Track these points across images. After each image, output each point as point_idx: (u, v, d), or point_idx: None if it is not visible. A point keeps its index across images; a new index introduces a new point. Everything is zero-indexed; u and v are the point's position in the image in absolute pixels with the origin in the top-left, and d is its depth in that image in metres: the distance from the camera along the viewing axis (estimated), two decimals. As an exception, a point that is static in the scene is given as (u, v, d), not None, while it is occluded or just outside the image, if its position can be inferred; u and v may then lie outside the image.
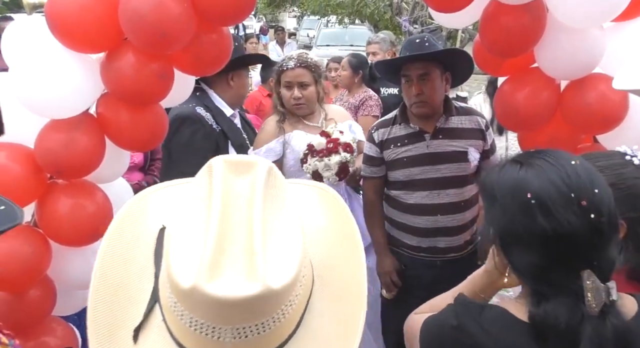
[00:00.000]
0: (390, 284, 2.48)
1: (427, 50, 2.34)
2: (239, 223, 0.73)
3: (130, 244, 0.85)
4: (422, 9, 8.59)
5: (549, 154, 1.02)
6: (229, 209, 0.74)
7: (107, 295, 0.82)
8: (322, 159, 2.44)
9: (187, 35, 1.70)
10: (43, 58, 1.71)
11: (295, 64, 2.54)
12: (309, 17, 18.40)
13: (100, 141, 1.86)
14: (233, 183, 0.76)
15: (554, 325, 0.94)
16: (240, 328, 0.71)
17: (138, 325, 0.77)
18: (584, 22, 1.84)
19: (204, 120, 2.49)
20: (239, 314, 0.70)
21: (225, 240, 0.72)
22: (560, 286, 0.95)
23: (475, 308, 1.06)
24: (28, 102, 1.71)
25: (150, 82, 1.77)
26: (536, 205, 0.96)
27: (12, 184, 1.74)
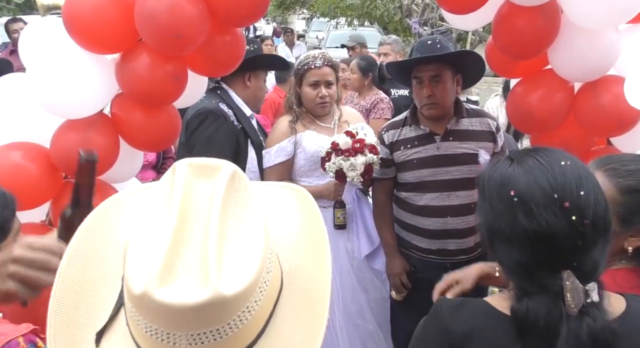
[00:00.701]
0: (400, 286, 2.47)
1: (439, 52, 2.34)
2: (198, 227, 0.71)
3: (102, 245, 0.83)
4: (432, 11, 8.58)
5: (541, 152, 1.03)
6: (188, 213, 0.72)
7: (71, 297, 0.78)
8: (347, 159, 2.43)
9: (202, 37, 1.71)
10: (59, 59, 1.73)
11: (322, 62, 2.54)
12: (318, 19, 18.43)
13: (115, 141, 1.87)
14: (195, 186, 0.75)
15: (533, 322, 0.95)
16: (195, 335, 0.70)
17: (101, 329, 0.75)
18: (599, 24, 1.83)
19: (227, 116, 2.51)
20: (191, 321, 0.68)
21: (182, 245, 0.70)
22: (542, 284, 0.96)
23: (456, 304, 1.08)
24: (45, 102, 1.73)
25: (164, 83, 1.78)
26: (518, 203, 0.97)
27: (28, 183, 1.76)
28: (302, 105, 2.58)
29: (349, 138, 2.44)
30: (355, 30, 13.73)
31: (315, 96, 2.53)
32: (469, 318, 1.03)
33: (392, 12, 11.13)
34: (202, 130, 2.46)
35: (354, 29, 13.67)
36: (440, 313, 1.07)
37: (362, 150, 2.42)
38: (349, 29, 14.02)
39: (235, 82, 2.61)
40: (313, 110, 2.58)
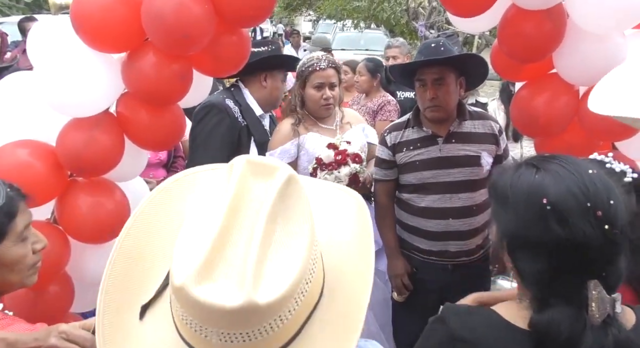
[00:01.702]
0: (402, 287, 2.47)
1: (443, 54, 2.34)
2: (245, 228, 0.71)
3: (163, 220, 0.85)
4: (439, 14, 8.57)
5: (565, 160, 1.01)
6: (239, 213, 0.72)
7: (125, 266, 0.82)
8: (332, 172, 2.44)
9: (208, 37, 1.72)
10: (67, 57, 1.74)
11: (327, 64, 2.55)
12: (325, 21, 18.44)
13: (120, 140, 1.88)
14: (250, 185, 0.75)
15: (555, 334, 0.93)
16: (225, 333, 0.71)
17: (145, 304, 0.78)
18: (605, 28, 1.82)
19: (230, 111, 2.52)
20: (223, 321, 0.70)
21: (227, 244, 0.71)
22: (565, 294, 0.94)
23: (463, 311, 1.06)
24: (51, 100, 1.74)
25: (170, 82, 1.79)
26: (551, 211, 0.94)
27: (34, 181, 1.76)
28: (305, 107, 2.59)
29: (332, 151, 2.45)
30: (361, 33, 13.76)
31: (319, 98, 2.54)
32: (477, 326, 1.02)
33: (399, 15, 11.13)
34: (204, 123, 2.48)
35: (361, 31, 13.67)
36: (446, 320, 1.05)
37: (344, 161, 2.44)
38: (355, 32, 14.03)
39: (252, 82, 2.63)
40: (317, 112, 2.58)
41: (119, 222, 1.93)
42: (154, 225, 0.85)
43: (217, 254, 0.70)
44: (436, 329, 1.07)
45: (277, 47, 2.77)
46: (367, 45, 13.25)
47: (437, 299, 2.64)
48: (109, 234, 1.92)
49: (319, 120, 2.61)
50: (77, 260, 1.93)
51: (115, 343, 0.78)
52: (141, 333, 0.77)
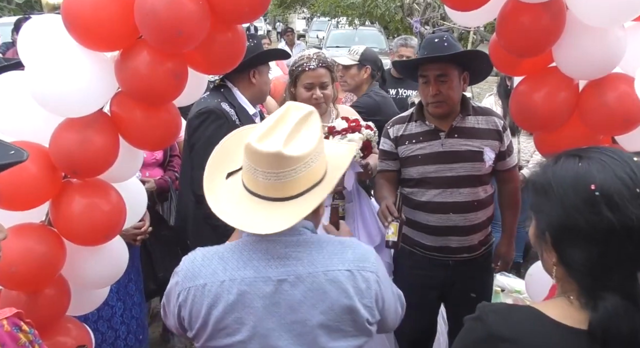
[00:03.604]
0: (385, 210, 2.28)
1: (446, 50, 2.33)
2: (287, 124, 1.35)
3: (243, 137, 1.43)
4: (434, 11, 8.56)
5: (607, 149, 1.00)
6: (285, 118, 1.37)
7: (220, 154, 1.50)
8: (345, 135, 2.44)
9: (202, 33, 1.69)
10: (58, 56, 1.71)
11: (317, 64, 2.53)
12: (319, 19, 18.41)
13: (115, 140, 1.85)
14: (292, 111, 1.40)
15: (615, 330, 0.90)
16: (266, 172, 1.31)
17: (230, 172, 1.44)
18: (605, 21, 1.80)
19: (229, 115, 2.52)
20: (265, 162, 1.29)
21: (276, 128, 1.34)
22: (619, 287, 0.92)
23: (502, 309, 1.03)
24: (43, 100, 1.71)
25: (164, 81, 1.76)
26: (601, 198, 0.92)
27: (27, 183, 1.74)
28: None
29: (344, 121, 2.49)
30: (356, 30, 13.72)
31: (309, 97, 2.54)
32: (518, 324, 0.99)
33: (393, 11, 11.10)
34: (202, 130, 2.47)
35: (355, 28, 13.64)
36: (484, 318, 1.02)
37: (358, 128, 2.45)
38: (349, 29, 14.00)
39: (241, 79, 2.63)
40: None
41: (115, 223, 1.92)
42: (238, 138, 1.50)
43: (269, 132, 1.33)
44: (474, 328, 1.03)
45: (259, 41, 2.77)
46: (362, 42, 13.17)
47: (437, 296, 2.65)
48: (105, 236, 1.90)
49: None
50: (72, 263, 1.90)
51: (212, 188, 1.43)
52: (224, 184, 1.43)
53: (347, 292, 1.34)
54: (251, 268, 1.34)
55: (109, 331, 2.47)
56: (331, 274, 1.34)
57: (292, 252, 1.35)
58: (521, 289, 3.18)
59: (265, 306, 1.33)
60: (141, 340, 2.65)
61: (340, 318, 1.34)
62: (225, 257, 1.37)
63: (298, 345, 1.34)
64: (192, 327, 1.38)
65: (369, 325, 1.39)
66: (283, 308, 1.33)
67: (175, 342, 3.56)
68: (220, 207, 1.37)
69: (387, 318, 1.48)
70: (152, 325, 3.74)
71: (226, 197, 1.39)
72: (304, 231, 1.38)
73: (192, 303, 1.35)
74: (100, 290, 2.14)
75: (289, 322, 1.33)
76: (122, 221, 1.94)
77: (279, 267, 1.33)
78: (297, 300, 1.33)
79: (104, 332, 2.44)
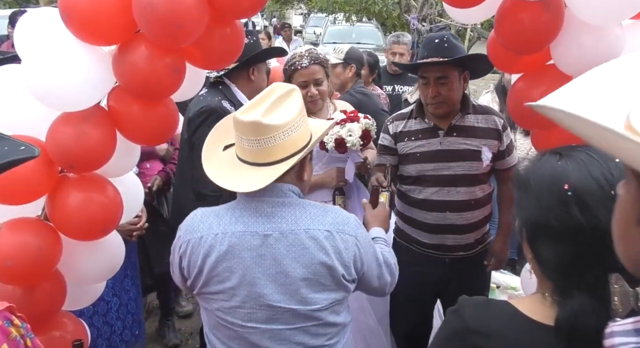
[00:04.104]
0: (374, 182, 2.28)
1: (447, 51, 2.31)
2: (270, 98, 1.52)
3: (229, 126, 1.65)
4: (431, 7, 8.55)
5: (591, 148, 0.99)
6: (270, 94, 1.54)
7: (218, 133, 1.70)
8: (344, 125, 2.45)
9: (201, 28, 1.68)
10: (55, 50, 1.69)
11: (309, 62, 2.53)
12: (316, 15, 18.37)
13: (112, 135, 1.84)
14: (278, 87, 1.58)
15: (582, 328, 0.91)
16: (250, 140, 1.48)
17: (227, 145, 1.63)
18: (603, 19, 1.81)
19: (229, 113, 2.51)
20: (248, 130, 1.48)
21: (260, 103, 1.51)
22: (588, 286, 0.92)
23: (481, 304, 1.04)
24: (40, 94, 1.70)
25: (162, 75, 1.75)
26: (573, 198, 0.92)
27: (24, 177, 1.73)
28: None
29: (343, 114, 2.53)
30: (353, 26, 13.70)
31: (304, 96, 2.54)
32: (494, 319, 1.00)
33: (391, 8, 11.09)
34: (204, 128, 2.47)
35: (352, 24, 13.62)
36: (461, 312, 1.04)
37: (357, 119, 2.46)
38: (347, 25, 13.97)
39: (240, 76, 2.63)
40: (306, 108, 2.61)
41: (112, 218, 1.91)
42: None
43: (254, 105, 1.52)
44: (451, 321, 1.06)
45: (257, 39, 2.78)
46: (359, 38, 13.21)
47: (433, 292, 2.66)
48: (101, 231, 1.89)
49: (310, 115, 2.61)
50: (68, 258, 1.89)
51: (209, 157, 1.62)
52: (221, 155, 1.62)
53: (326, 250, 1.49)
54: (241, 223, 1.51)
55: (105, 326, 2.46)
56: (311, 232, 1.50)
57: (278, 211, 1.52)
58: (516, 286, 3.19)
59: (252, 257, 1.49)
60: (137, 335, 2.65)
61: (319, 273, 1.50)
62: (220, 214, 1.56)
63: (282, 294, 1.49)
64: (190, 276, 1.56)
65: (346, 282, 1.54)
66: (268, 260, 1.49)
67: (171, 337, 3.56)
68: (213, 171, 1.57)
69: (370, 281, 1.63)
70: (148, 320, 3.74)
71: (220, 164, 1.59)
72: (290, 194, 1.54)
73: (190, 253, 1.54)
74: (96, 284, 2.13)
75: (274, 273, 1.49)
76: (118, 216, 1.93)
77: (265, 223, 1.50)
78: (281, 253, 1.49)
79: (99, 327, 2.43)
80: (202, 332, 3.04)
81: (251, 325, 1.51)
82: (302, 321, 1.52)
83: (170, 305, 3.64)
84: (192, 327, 3.73)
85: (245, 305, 1.50)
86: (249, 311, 1.50)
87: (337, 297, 1.54)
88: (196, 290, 1.57)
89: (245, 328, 1.52)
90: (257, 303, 1.50)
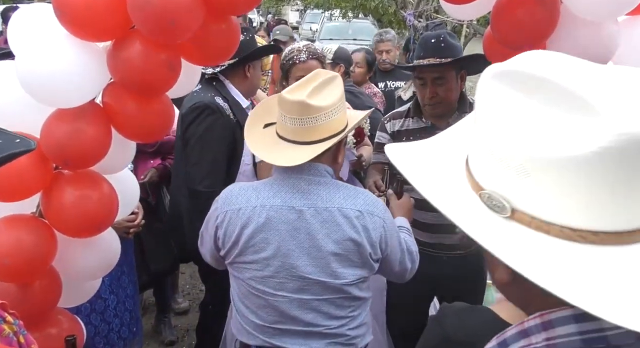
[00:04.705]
0: (372, 186, 2.42)
1: (443, 51, 2.29)
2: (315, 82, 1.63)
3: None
4: (427, 3, 8.53)
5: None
6: (316, 77, 1.68)
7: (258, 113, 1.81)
8: None
9: (196, 24, 1.67)
10: (49, 46, 1.68)
11: (307, 56, 2.52)
12: (312, 11, 18.33)
13: (107, 131, 1.83)
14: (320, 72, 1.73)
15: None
16: (293, 118, 1.59)
17: (267, 123, 1.74)
18: (599, 15, 1.81)
19: (223, 110, 2.51)
20: (293, 110, 1.59)
21: (307, 84, 1.64)
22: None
23: (461, 312, 1.04)
24: (33, 90, 1.69)
25: (157, 71, 1.74)
26: None
27: (18, 174, 1.72)
28: None
29: None
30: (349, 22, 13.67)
31: None
32: (474, 327, 1.00)
33: (387, 4, 11.06)
34: (197, 125, 2.46)
35: (348, 21, 13.59)
36: (442, 321, 1.04)
37: None
38: (343, 21, 13.94)
39: (236, 73, 2.62)
40: None
41: (107, 215, 1.90)
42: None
43: (299, 87, 1.63)
44: (432, 330, 1.06)
45: (253, 36, 2.77)
46: (355, 34, 13.20)
47: (430, 289, 2.67)
48: (97, 228, 1.88)
49: None
50: (64, 255, 1.88)
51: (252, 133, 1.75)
52: (262, 131, 1.73)
53: (356, 228, 1.60)
54: (279, 198, 1.62)
55: (102, 324, 2.46)
56: (344, 211, 1.61)
57: (314, 188, 1.63)
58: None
59: (288, 230, 1.60)
60: (134, 333, 2.64)
61: (349, 249, 1.61)
62: (258, 188, 1.67)
63: (313, 267, 1.61)
64: (225, 246, 1.67)
65: (372, 260, 1.65)
66: (303, 233, 1.60)
67: (167, 334, 3.56)
68: (255, 146, 1.71)
69: (392, 264, 1.74)
70: (144, 317, 3.73)
71: (261, 140, 1.71)
72: (325, 174, 1.66)
73: (228, 224, 1.65)
74: (92, 281, 2.13)
75: (307, 246, 1.60)
76: (114, 213, 1.93)
77: (302, 199, 1.61)
78: (315, 228, 1.60)
79: (97, 325, 2.43)
80: (198, 328, 3.06)
81: (282, 294, 1.62)
82: (329, 293, 1.63)
83: (166, 302, 3.63)
84: (189, 324, 3.73)
85: (277, 275, 1.61)
86: (281, 280, 1.61)
87: (363, 273, 1.66)
88: (230, 259, 1.68)
89: (275, 296, 1.63)
90: (290, 273, 1.61)
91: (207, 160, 2.46)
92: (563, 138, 0.63)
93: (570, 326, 0.68)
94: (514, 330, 0.73)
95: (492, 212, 0.71)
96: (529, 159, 0.65)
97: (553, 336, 0.69)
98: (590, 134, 0.61)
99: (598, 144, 0.60)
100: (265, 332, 1.67)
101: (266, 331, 1.67)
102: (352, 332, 1.70)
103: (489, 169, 0.71)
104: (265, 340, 1.67)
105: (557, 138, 0.63)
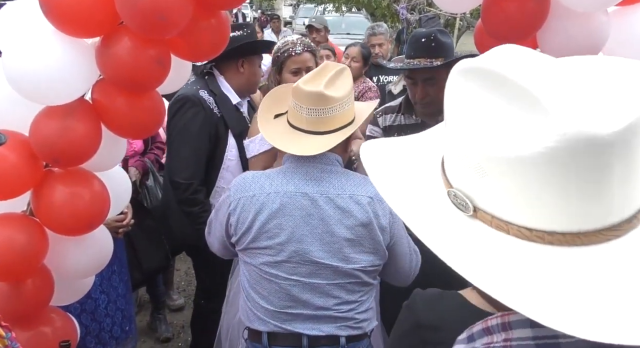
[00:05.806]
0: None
1: (434, 51, 2.25)
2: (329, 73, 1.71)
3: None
4: (420, -3, 8.51)
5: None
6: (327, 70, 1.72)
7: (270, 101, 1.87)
8: None
9: (185, 19, 1.66)
10: (36, 43, 1.66)
11: (302, 48, 2.51)
12: (305, 5, 18.25)
13: (97, 128, 1.82)
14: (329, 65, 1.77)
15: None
16: (309, 108, 1.63)
17: (277, 114, 1.79)
18: (589, 6, 1.81)
19: (205, 103, 2.49)
20: (308, 99, 1.62)
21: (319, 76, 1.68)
22: None
23: (432, 298, 1.05)
24: (21, 88, 1.67)
25: (147, 67, 1.73)
26: None
27: (8, 172, 1.71)
28: None
29: None
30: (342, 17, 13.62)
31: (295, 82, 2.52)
32: (444, 312, 1.01)
33: (380, -2, 11.01)
34: (178, 117, 2.46)
35: (342, 15, 13.53)
36: (413, 307, 1.05)
37: None
38: (336, 15, 13.88)
39: (228, 68, 2.59)
40: None
41: (98, 213, 1.89)
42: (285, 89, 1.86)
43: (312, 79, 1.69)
44: (404, 316, 1.07)
45: (252, 31, 2.71)
46: (349, 29, 13.13)
47: (424, 280, 2.66)
48: (88, 226, 1.87)
49: None
50: (55, 253, 1.87)
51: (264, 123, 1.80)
52: (273, 121, 1.79)
53: (368, 213, 1.66)
54: (292, 185, 1.67)
55: (93, 323, 2.44)
56: (356, 198, 1.67)
57: (326, 176, 1.68)
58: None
59: (302, 216, 1.65)
60: (127, 331, 2.63)
61: (361, 235, 1.66)
62: (271, 176, 1.71)
63: (326, 252, 1.66)
64: (237, 232, 1.71)
65: (383, 247, 1.70)
66: (316, 219, 1.65)
67: (162, 330, 3.55)
68: (271, 136, 1.75)
69: (398, 257, 1.76)
70: (139, 314, 3.73)
71: (275, 130, 1.76)
72: (336, 163, 1.72)
73: (241, 210, 1.68)
74: (86, 279, 2.12)
75: (320, 232, 1.65)
76: (105, 210, 1.92)
77: (315, 186, 1.67)
78: (328, 214, 1.65)
79: (87, 324, 2.41)
80: (193, 325, 3.05)
81: (295, 278, 1.67)
82: (341, 278, 1.67)
83: (160, 299, 3.63)
84: (184, 321, 3.73)
85: (291, 260, 1.66)
86: (294, 265, 1.66)
87: (374, 260, 1.71)
88: (242, 246, 1.71)
89: (288, 280, 1.67)
90: (303, 258, 1.66)
91: (186, 152, 2.46)
92: (515, 137, 0.62)
93: (526, 330, 0.67)
94: (480, 326, 0.73)
95: (458, 210, 0.70)
96: (485, 158, 0.65)
97: (510, 338, 0.68)
98: (538, 133, 0.60)
99: (543, 143, 0.59)
100: (276, 318, 1.71)
101: (277, 316, 1.71)
102: (361, 315, 1.75)
103: (455, 167, 0.71)
104: (277, 325, 1.71)
105: (510, 137, 0.62)
